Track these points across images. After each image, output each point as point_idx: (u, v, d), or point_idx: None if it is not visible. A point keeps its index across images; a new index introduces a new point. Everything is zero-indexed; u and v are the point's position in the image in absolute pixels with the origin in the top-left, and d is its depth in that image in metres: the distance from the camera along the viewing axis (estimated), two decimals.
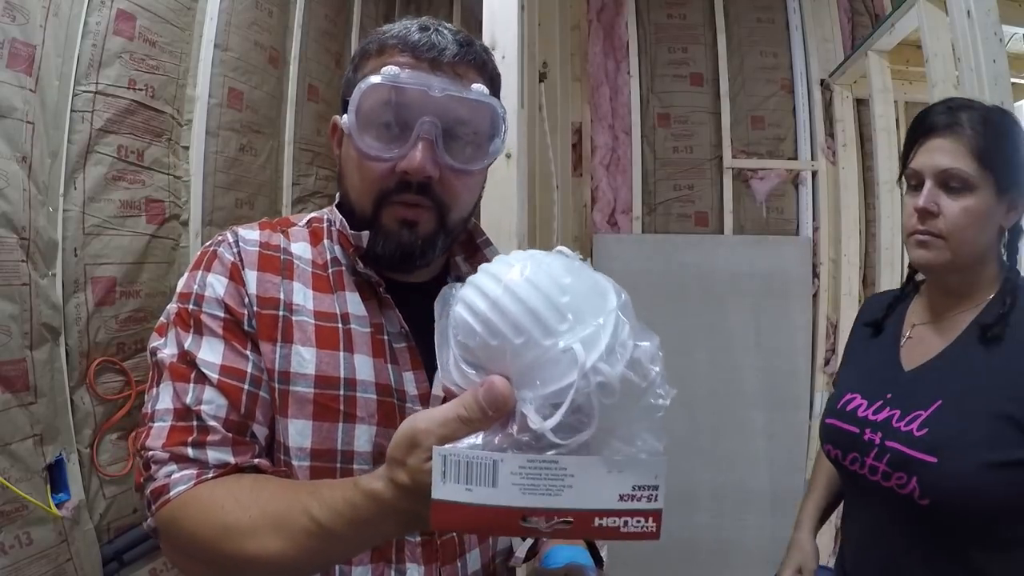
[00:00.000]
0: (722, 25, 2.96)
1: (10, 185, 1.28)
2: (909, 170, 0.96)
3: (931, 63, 1.81)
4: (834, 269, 2.75)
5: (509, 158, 1.37)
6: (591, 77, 3.01)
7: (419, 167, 0.67)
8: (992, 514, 0.81)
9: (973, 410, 0.84)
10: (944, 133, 0.91)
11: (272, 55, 2.17)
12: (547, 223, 2.24)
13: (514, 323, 0.47)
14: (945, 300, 0.97)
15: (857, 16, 2.95)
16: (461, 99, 0.69)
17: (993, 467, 0.80)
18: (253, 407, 0.65)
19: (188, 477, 0.62)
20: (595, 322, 0.48)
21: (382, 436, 0.68)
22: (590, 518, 0.46)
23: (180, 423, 0.64)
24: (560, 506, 0.46)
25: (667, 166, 2.96)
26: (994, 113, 0.93)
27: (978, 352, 0.88)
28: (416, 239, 0.71)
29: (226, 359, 0.66)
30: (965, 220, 0.89)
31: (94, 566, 1.43)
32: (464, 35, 0.72)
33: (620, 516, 0.46)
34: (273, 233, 0.74)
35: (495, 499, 0.45)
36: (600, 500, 0.46)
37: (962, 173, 0.89)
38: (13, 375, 1.28)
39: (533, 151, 1.85)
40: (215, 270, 0.69)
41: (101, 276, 1.53)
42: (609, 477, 0.46)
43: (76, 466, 1.41)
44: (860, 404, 0.98)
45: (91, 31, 1.51)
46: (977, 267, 0.93)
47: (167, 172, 1.75)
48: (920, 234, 0.93)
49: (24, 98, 1.32)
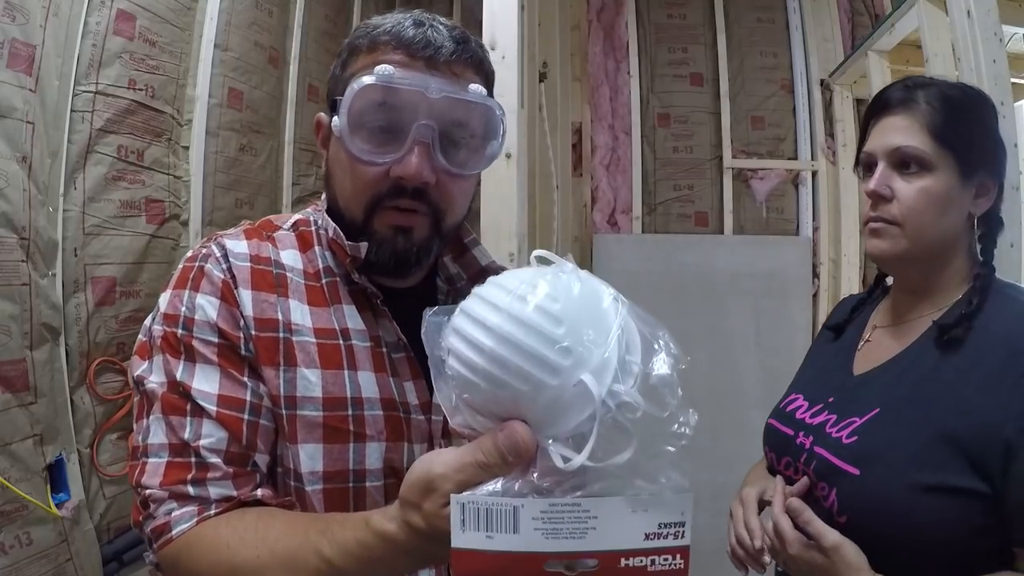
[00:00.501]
0: (722, 25, 2.96)
1: (10, 185, 1.28)
2: (863, 154, 0.86)
3: (931, 63, 1.81)
4: (834, 269, 2.74)
5: (509, 158, 1.37)
6: (591, 77, 3.01)
7: (415, 173, 0.63)
8: (916, 542, 0.70)
9: (911, 422, 0.74)
10: (898, 110, 0.82)
11: (272, 55, 2.17)
12: (547, 223, 2.24)
13: (517, 372, 0.44)
14: (908, 300, 0.86)
15: (857, 16, 2.95)
16: (459, 100, 0.65)
17: (920, 489, 0.69)
18: (254, 437, 0.62)
19: (190, 515, 0.59)
20: (599, 344, 0.46)
21: (391, 451, 0.66)
22: (616, 559, 0.45)
23: (177, 459, 0.60)
24: (585, 549, 0.44)
25: (667, 166, 2.96)
26: (955, 88, 0.83)
27: (932, 358, 0.77)
28: (411, 246, 0.67)
29: (223, 388, 0.62)
30: (922, 203, 0.78)
31: (94, 566, 1.43)
32: (460, 31, 0.69)
33: (647, 555, 0.45)
34: (261, 243, 0.69)
35: (518, 546, 0.44)
36: (626, 540, 0.44)
37: (916, 151, 0.79)
38: (13, 375, 1.28)
39: (533, 151, 1.85)
40: (204, 290, 0.64)
41: (101, 276, 1.53)
42: (634, 517, 0.45)
43: (76, 466, 1.41)
44: (801, 406, 0.90)
45: (91, 31, 1.51)
46: (941, 260, 0.82)
47: (167, 172, 1.75)
48: (873, 221, 0.82)
49: (24, 98, 1.32)
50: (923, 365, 0.78)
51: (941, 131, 0.79)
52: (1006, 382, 0.69)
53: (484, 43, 1.38)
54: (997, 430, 0.67)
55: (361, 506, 0.65)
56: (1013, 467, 0.66)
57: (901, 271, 0.87)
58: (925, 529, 0.69)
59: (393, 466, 0.66)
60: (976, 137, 0.81)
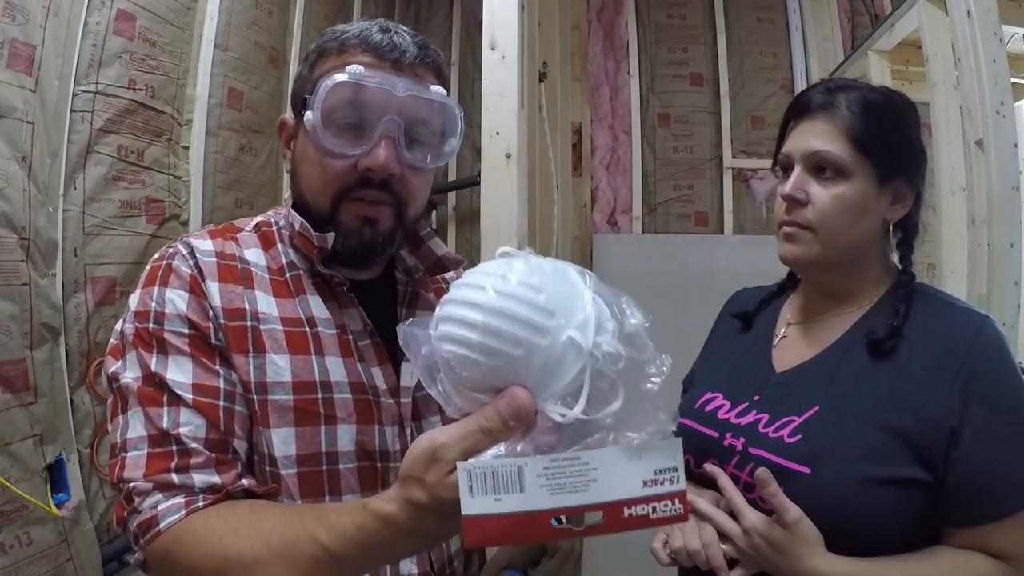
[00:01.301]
0: (722, 25, 2.96)
1: (10, 185, 1.28)
2: (780, 155, 0.85)
3: (931, 63, 1.81)
4: None
5: (509, 158, 1.37)
6: (591, 77, 3.01)
7: (384, 164, 0.67)
8: (866, 535, 0.72)
9: (855, 419, 0.74)
10: (817, 114, 0.80)
11: (272, 55, 2.17)
12: (547, 223, 2.24)
13: (510, 338, 0.47)
14: (822, 300, 0.87)
15: (857, 16, 2.95)
16: (422, 99, 0.70)
17: (873, 483, 0.71)
18: (231, 423, 0.64)
19: (177, 507, 0.59)
20: (577, 307, 0.49)
21: (363, 434, 0.69)
22: (619, 509, 0.46)
23: (158, 449, 0.61)
24: (589, 501, 0.46)
25: (667, 166, 2.96)
26: (878, 93, 0.82)
27: (862, 359, 0.78)
28: (377, 236, 0.71)
29: (197, 377, 0.63)
30: (836, 210, 0.78)
31: (94, 566, 1.43)
32: (421, 38, 0.74)
33: (648, 503, 0.46)
34: (225, 241, 0.72)
35: (525, 504, 0.45)
36: (626, 490, 0.46)
37: (834, 157, 0.78)
38: (13, 375, 1.28)
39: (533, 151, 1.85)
40: (173, 285, 0.67)
41: (101, 276, 1.53)
42: (630, 465, 0.46)
43: (76, 466, 1.41)
44: (722, 405, 0.87)
45: (91, 31, 1.51)
46: (854, 265, 0.83)
47: (167, 172, 1.75)
48: (787, 225, 0.82)
49: (24, 98, 1.32)
50: (855, 364, 0.79)
51: (860, 137, 0.78)
52: (944, 377, 0.72)
53: (484, 43, 1.38)
54: (940, 423, 0.71)
55: (336, 489, 0.66)
56: (952, 455, 0.70)
57: (813, 275, 0.87)
58: (876, 520, 0.71)
59: (365, 448, 0.69)
60: (895, 144, 0.80)
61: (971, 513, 0.71)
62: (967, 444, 0.70)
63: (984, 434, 0.70)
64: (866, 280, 0.84)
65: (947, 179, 1.77)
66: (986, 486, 0.71)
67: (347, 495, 0.67)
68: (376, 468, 0.70)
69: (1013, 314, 1.44)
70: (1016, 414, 0.72)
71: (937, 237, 1.80)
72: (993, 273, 1.45)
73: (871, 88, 0.82)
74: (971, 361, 0.72)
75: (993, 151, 1.44)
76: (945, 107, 1.77)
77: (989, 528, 0.71)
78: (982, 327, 0.75)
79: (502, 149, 1.37)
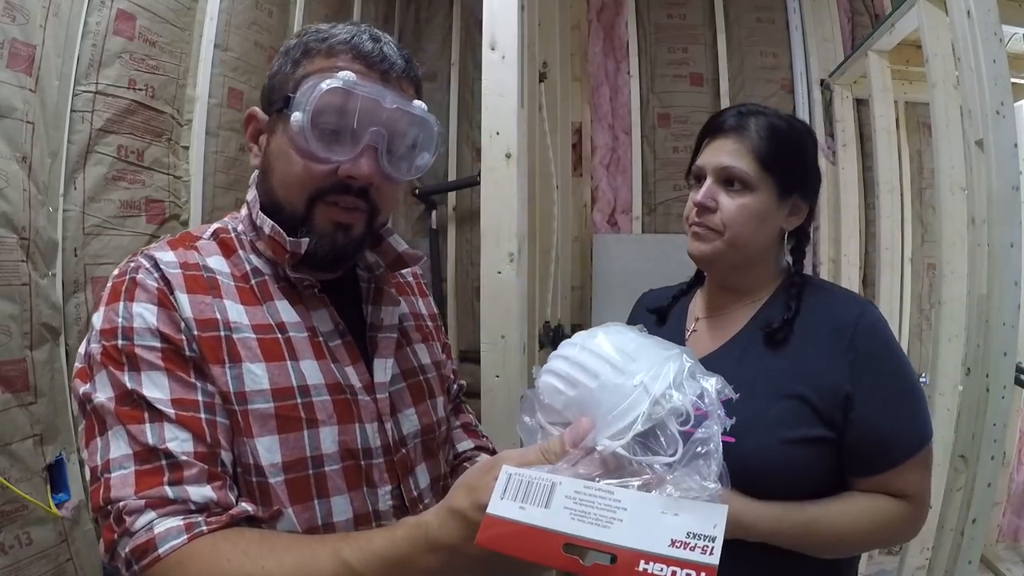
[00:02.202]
0: (722, 25, 2.96)
1: (10, 185, 1.28)
2: (695, 167, 0.98)
3: (931, 63, 1.81)
4: (834, 269, 2.74)
5: (509, 158, 1.36)
6: (591, 77, 3.01)
7: (367, 174, 0.69)
8: (791, 490, 0.84)
9: (764, 393, 0.86)
10: (730, 134, 0.94)
11: (272, 55, 2.16)
12: (547, 223, 2.24)
13: (591, 370, 0.52)
14: (724, 296, 1.00)
15: (857, 16, 2.95)
16: (407, 113, 0.71)
17: (788, 443, 0.83)
18: (216, 434, 0.62)
19: (178, 530, 0.56)
20: (661, 364, 0.52)
21: (344, 433, 0.69)
22: (635, 560, 0.42)
23: (146, 465, 0.58)
24: (607, 540, 0.43)
25: (667, 166, 2.96)
26: (783, 121, 0.95)
27: (760, 346, 0.91)
28: (349, 241, 0.72)
29: (174, 392, 0.61)
30: (741, 217, 0.91)
31: (94, 566, 1.43)
32: (405, 51, 0.75)
33: (668, 564, 0.42)
34: (186, 251, 0.70)
35: (543, 521, 0.45)
36: (649, 542, 0.43)
37: (741, 172, 0.91)
38: (13, 375, 1.28)
39: (533, 151, 1.85)
40: (139, 299, 0.64)
41: (101, 276, 1.53)
42: (663, 519, 0.43)
43: (76, 466, 1.41)
44: None
45: (91, 31, 1.51)
46: (753, 264, 0.96)
47: (167, 172, 1.75)
48: (697, 226, 0.95)
49: (24, 98, 1.32)
50: (756, 349, 0.92)
51: (765, 157, 0.91)
52: (837, 351, 0.86)
53: (484, 43, 1.38)
54: (836, 389, 0.85)
55: (323, 492, 0.67)
56: (850, 416, 0.84)
57: (717, 270, 0.99)
58: (794, 475, 0.84)
59: (348, 448, 0.70)
60: (795, 165, 0.94)
61: (870, 464, 0.85)
62: (860, 406, 0.84)
63: (873, 396, 0.84)
64: (761, 277, 0.98)
65: (947, 179, 1.77)
66: (879, 440, 0.84)
67: (335, 496, 0.68)
68: (360, 466, 0.70)
69: (1013, 314, 1.44)
70: (898, 378, 0.86)
71: (937, 237, 1.80)
72: (993, 273, 1.45)
73: (778, 115, 0.96)
74: (857, 337, 0.86)
75: (993, 151, 1.44)
76: (945, 107, 1.77)
77: (886, 475, 0.85)
78: (864, 310, 0.89)
79: (502, 149, 1.37)
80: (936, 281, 1.84)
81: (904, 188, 2.73)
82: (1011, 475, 2.64)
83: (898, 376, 0.86)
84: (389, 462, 0.73)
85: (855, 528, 0.84)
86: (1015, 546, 2.64)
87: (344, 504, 0.68)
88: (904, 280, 2.68)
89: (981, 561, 1.74)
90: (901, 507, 0.85)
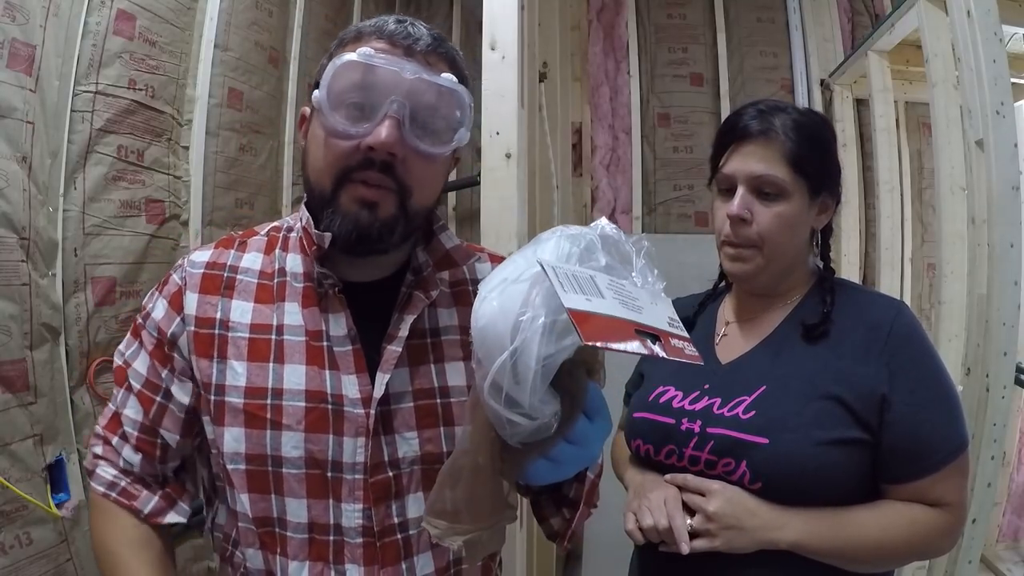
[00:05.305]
0: (722, 25, 2.96)
1: (10, 185, 1.28)
2: (721, 175, 0.93)
3: (931, 63, 1.81)
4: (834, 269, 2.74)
5: (509, 158, 1.36)
6: (591, 77, 3.01)
7: (385, 142, 0.65)
8: (824, 494, 0.81)
9: (799, 393, 0.83)
10: (758, 138, 0.88)
11: (272, 55, 2.17)
12: (547, 223, 2.24)
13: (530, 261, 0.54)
14: (756, 301, 0.96)
15: (857, 16, 2.95)
16: (430, 83, 0.68)
17: (823, 445, 0.80)
18: (161, 416, 0.75)
19: (102, 480, 0.76)
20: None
21: (312, 443, 0.69)
22: (668, 337, 0.50)
23: (115, 415, 0.78)
24: (647, 323, 0.49)
25: (667, 166, 2.96)
26: (805, 116, 0.91)
27: (798, 345, 0.88)
28: (375, 221, 0.68)
29: (150, 373, 0.75)
30: (778, 227, 0.88)
31: (94, 566, 1.43)
32: (438, 32, 0.73)
33: (680, 340, 0.51)
34: (225, 251, 0.77)
35: (611, 310, 0.47)
36: (662, 321, 0.51)
37: (776, 180, 0.87)
38: (13, 375, 1.28)
39: (533, 151, 1.85)
40: (164, 294, 0.76)
41: (101, 276, 1.53)
42: (656, 307, 0.52)
43: (76, 466, 1.41)
44: (675, 395, 0.93)
45: (91, 31, 1.51)
46: (788, 270, 0.93)
47: (167, 172, 1.75)
48: (731, 246, 0.91)
49: (24, 98, 1.32)
50: (792, 348, 0.89)
51: (797, 161, 0.87)
52: (872, 353, 0.83)
53: (484, 43, 1.38)
54: (873, 390, 0.81)
55: (280, 490, 0.70)
56: (886, 418, 0.81)
57: (759, 285, 0.95)
58: (829, 478, 0.80)
59: (315, 457, 0.69)
60: (824, 163, 0.90)
61: (907, 469, 0.81)
62: (896, 408, 0.80)
63: (910, 399, 0.81)
64: (795, 280, 0.94)
65: (947, 179, 1.77)
66: (917, 444, 0.80)
67: (290, 498, 0.69)
68: (326, 478, 0.69)
69: (1013, 314, 1.44)
70: (935, 380, 0.83)
71: (937, 237, 1.81)
72: (993, 273, 1.45)
73: (798, 111, 0.92)
74: (893, 338, 0.83)
75: (993, 151, 1.44)
76: (945, 107, 1.77)
77: (923, 482, 0.81)
78: (900, 310, 0.87)
79: (502, 149, 1.37)
80: (936, 281, 1.84)
81: (904, 188, 2.73)
82: (1011, 475, 2.64)
83: (935, 379, 0.83)
84: (365, 481, 0.69)
85: (892, 536, 0.80)
86: (1015, 546, 2.64)
87: (299, 508, 0.69)
88: (904, 280, 2.67)
89: (981, 561, 1.74)
90: (939, 516, 0.81)
